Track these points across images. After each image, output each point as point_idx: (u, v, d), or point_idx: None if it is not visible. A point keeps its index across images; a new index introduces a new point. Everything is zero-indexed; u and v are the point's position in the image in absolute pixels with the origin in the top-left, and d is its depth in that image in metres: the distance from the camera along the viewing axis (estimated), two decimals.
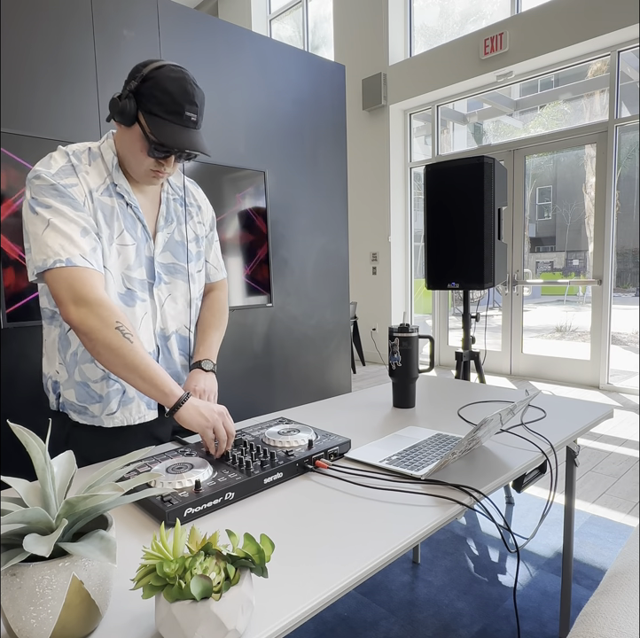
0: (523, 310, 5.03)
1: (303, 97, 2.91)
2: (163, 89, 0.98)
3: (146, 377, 0.97)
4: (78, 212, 1.02)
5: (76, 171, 1.05)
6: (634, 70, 4.32)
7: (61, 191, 1.01)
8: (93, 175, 1.08)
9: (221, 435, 0.97)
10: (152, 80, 0.99)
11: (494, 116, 5.53)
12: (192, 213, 1.26)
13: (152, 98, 0.99)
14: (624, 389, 4.37)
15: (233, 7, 7.54)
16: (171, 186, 1.23)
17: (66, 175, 1.03)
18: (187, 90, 1.00)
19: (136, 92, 1.00)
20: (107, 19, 2.10)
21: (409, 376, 1.39)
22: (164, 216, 1.18)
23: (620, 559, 0.87)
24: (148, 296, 1.16)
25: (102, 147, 1.11)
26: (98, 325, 0.97)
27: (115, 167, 1.10)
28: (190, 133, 1.02)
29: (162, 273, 1.18)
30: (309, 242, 3.02)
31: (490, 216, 2.26)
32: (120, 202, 1.11)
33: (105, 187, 1.09)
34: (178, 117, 1.00)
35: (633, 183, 4.55)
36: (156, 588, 0.51)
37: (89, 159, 1.09)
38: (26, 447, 0.57)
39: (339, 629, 1.60)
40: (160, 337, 1.19)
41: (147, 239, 1.15)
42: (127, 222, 1.11)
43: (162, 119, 1.00)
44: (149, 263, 1.15)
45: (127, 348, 0.97)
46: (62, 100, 1.99)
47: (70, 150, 1.07)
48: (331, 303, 3.18)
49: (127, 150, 1.07)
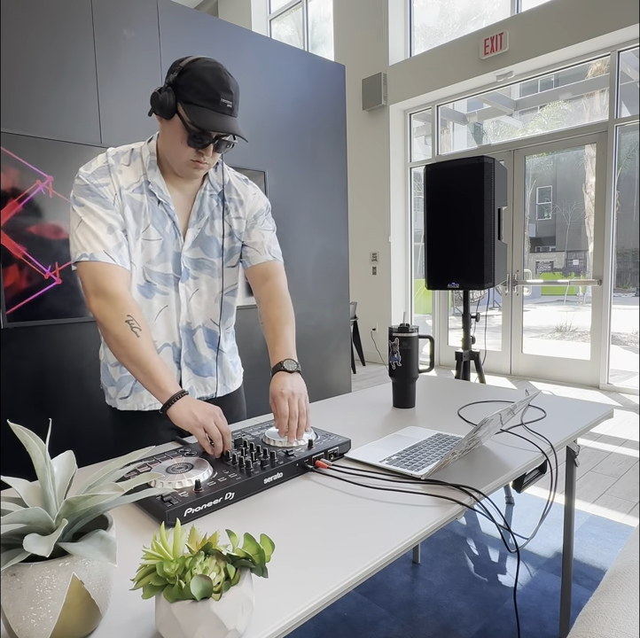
0: (523, 310, 5.03)
1: (303, 97, 2.91)
2: (199, 79, 1.02)
3: (146, 370, 1.02)
4: (107, 210, 1.10)
5: (110, 171, 1.12)
6: (634, 70, 4.32)
7: (93, 191, 1.09)
8: (128, 175, 1.14)
9: (213, 434, 0.97)
10: (189, 71, 1.03)
11: (494, 116, 5.53)
12: (230, 209, 1.26)
13: (190, 88, 1.03)
14: (624, 389, 4.37)
15: (233, 7, 7.54)
16: (211, 183, 1.24)
17: (100, 175, 1.11)
18: (222, 78, 1.04)
19: (175, 85, 1.05)
20: (107, 19, 2.10)
21: (409, 376, 1.39)
22: (196, 212, 1.22)
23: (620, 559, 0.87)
24: (173, 290, 1.21)
25: (143, 148, 1.17)
26: (111, 316, 1.04)
27: (150, 166, 1.15)
28: (226, 119, 1.06)
29: (190, 268, 1.22)
30: (309, 242, 3.02)
31: (490, 216, 2.26)
32: (151, 199, 1.16)
33: (138, 185, 1.15)
34: (214, 104, 1.03)
35: (633, 183, 4.55)
36: (156, 588, 0.51)
37: (129, 160, 1.16)
38: (26, 447, 0.57)
39: (339, 629, 1.60)
40: (186, 330, 1.24)
41: (177, 235, 1.19)
42: (155, 218, 1.16)
43: (199, 106, 1.03)
44: (176, 258, 1.20)
45: (132, 341, 1.02)
46: (62, 100, 1.99)
47: (112, 152, 1.15)
48: (331, 303, 3.18)
49: (169, 143, 1.11)
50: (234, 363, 1.40)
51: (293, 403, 1.04)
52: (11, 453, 1.89)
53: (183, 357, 1.25)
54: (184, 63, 1.04)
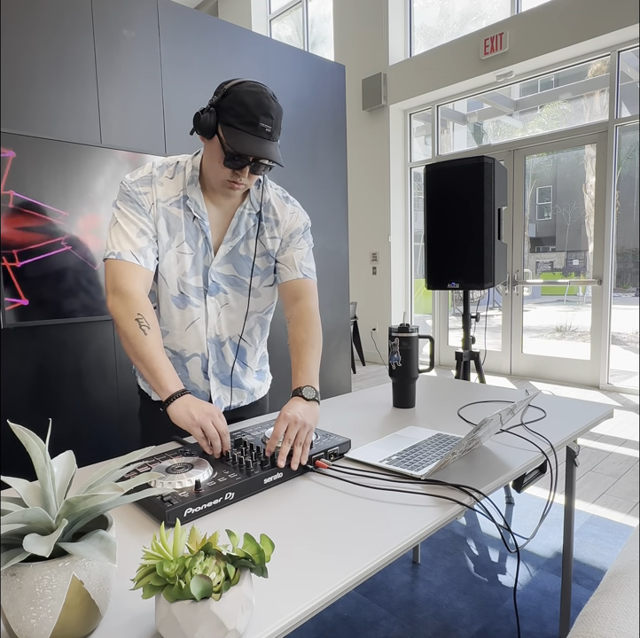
0: (523, 310, 5.03)
1: (303, 97, 2.91)
2: (240, 102, 1.04)
3: (149, 367, 1.05)
4: (141, 216, 1.15)
5: (152, 182, 1.17)
6: (634, 70, 4.32)
7: (132, 198, 1.15)
8: (168, 187, 1.18)
9: (210, 433, 0.98)
10: (232, 94, 1.05)
11: (494, 116, 5.53)
12: (265, 229, 1.26)
13: (230, 110, 1.05)
14: (624, 389, 4.37)
15: (233, 7, 7.54)
16: (251, 202, 1.23)
17: (142, 184, 1.16)
18: (262, 102, 1.05)
19: (217, 106, 1.07)
20: (107, 19, 2.10)
21: (409, 376, 1.39)
22: (232, 230, 1.23)
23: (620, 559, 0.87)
24: (203, 302, 1.23)
25: (188, 162, 1.20)
26: (123, 314, 1.08)
27: (190, 181, 1.18)
28: (263, 143, 1.07)
29: (221, 283, 1.24)
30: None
31: (490, 216, 2.26)
32: (187, 214, 1.19)
33: (177, 199, 1.18)
34: (252, 127, 1.05)
35: (633, 183, 4.55)
36: (156, 588, 0.51)
37: (173, 173, 1.19)
38: (26, 447, 0.57)
39: (339, 629, 1.60)
40: (215, 342, 1.26)
41: (208, 251, 1.21)
42: (188, 233, 1.19)
43: (237, 129, 1.06)
44: (205, 272, 1.22)
45: (139, 338, 1.06)
46: (62, 100, 1.99)
47: (159, 162, 1.20)
48: (331, 303, 3.18)
49: (208, 161, 1.14)
50: (263, 372, 1.42)
51: (292, 429, 0.98)
52: (11, 453, 1.89)
53: (212, 368, 1.28)
54: (229, 85, 1.07)
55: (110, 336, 2.15)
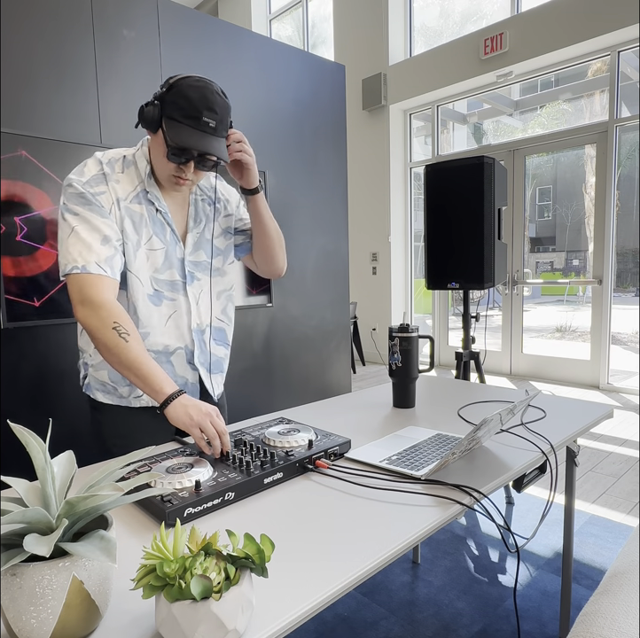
0: (523, 310, 5.03)
1: (303, 97, 2.91)
2: (184, 96, 1.04)
3: (139, 374, 1.03)
4: (104, 219, 1.09)
5: (107, 180, 1.12)
6: (634, 70, 4.32)
7: (89, 199, 1.08)
8: (124, 183, 1.14)
9: (209, 433, 0.97)
10: (176, 88, 1.05)
11: (494, 116, 5.53)
12: (220, 209, 1.31)
13: (173, 104, 1.04)
14: (624, 389, 4.37)
15: (233, 7, 7.54)
16: (200, 187, 1.28)
17: (96, 184, 1.10)
18: (207, 97, 1.04)
19: (162, 100, 1.06)
20: (107, 19, 2.10)
21: (409, 376, 1.39)
22: (193, 217, 1.25)
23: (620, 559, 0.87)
24: (181, 295, 1.23)
25: (136, 155, 1.18)
26: (98, 325, 1.04)
27: (148, 175, 1.16)
28: (206, 138, 1.06)
29: (195, 271, 1.25)
30: (309, 242, 3.02)
31: (490, 216, 2.26)
32: (149, 208, 1.17)
33: (135, 194, 1.15)
34: (195, 121, 1.04)
35: (633, 183, 4.55)
36: (156, 588, 0.51)
37: (122, 167, 1.15)
38: (26, 447, 0.57)
39: (339, 629, 1.60)
40: (197, 331, 1.27)
41: (176, 242, 1.22)
42: (156, 228, 1.18)
43: (180, 123, 1.05)
44: (180, 264, 1.22)
45: (121, 347, 1.03)
46: (62, 100, 1.99)
47: (105, 158, 1.14)
48: (331, 303, 3.18)
49: (154, 155, 1.14)
50: None
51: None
52: (11, 453, 1.89)
53: (197, 358, 1.28)
54: (174, 79, 1.06)
55: None
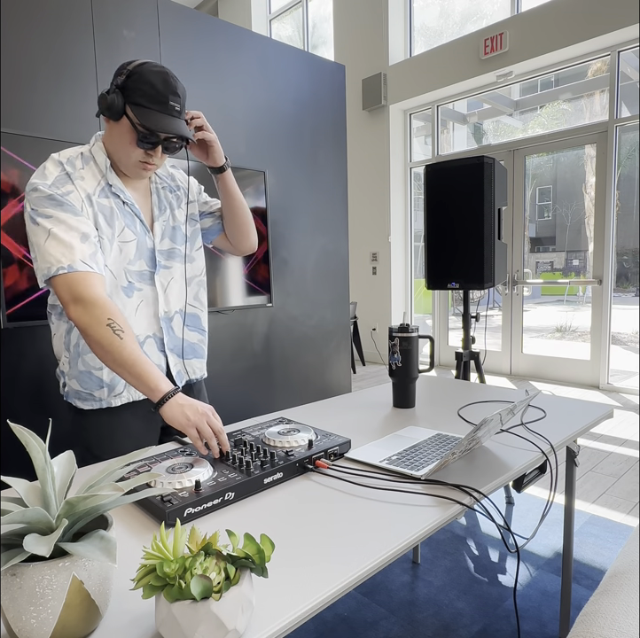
0: (523, 310, 5.03)
1: (303, 97, 2.91)
2: (147, 82, 1.06)
3: (133, 372, 1.02)
4: (78, 217, 1.09)
5: (71, 178, 1.11)
6: (634, 70, 4.32)
7: (59, 200, 1.07)
8: (88, 179, 1.14)
9: (206, 434, 0.97)
10: (137, 74, 1.06)
11: (494, 116, 5.53)
12: (181, 196, 1.32)
13: (138, 91, 1.06)
14: (624, 389, 4.37)
15: (233, 7, 7.54)
16: (158, 176, 1.29)
17: (61, 184, 1.09)
18: (169, 82, 1.08)
19: (123, 87, 1.07)
20: (107, 19, 2.10)
21: (409, 376, 1.39)
22: (157, 206, 1.26)
23: (620, 559, 0.87)
24: (147, 284, 1.23)
25: (93, 150, 1.17)
26: (91, 322, 1.03)
27: (109, 169, 1.16)
28: (175, 121, 1.09)
29: (162, 260, 1.25)
30: (309, 242, 3.01)
31: (490, 216, 2.26)
32: (116, 201, 1.18)
33: (100, 189, 1.15)
34: (163, 106, 1.07)
35: (633, 183, 4.55)
36: (156, 588, 0.51)
37: (82, 164, 1.15)
38: (26, 447, 0.57)
39: (339, 629, 1.60)
40: (165, 319, 1.27)
41: (146, 232, 1.23)
42: (126, 220, 1.19)
43: (148, 108, 1.07)
44: (150, 254, 1.23)
45: (116, 344, 1.02)
46: (62, 100, 1.99)
47: (64, 158, 1.13)
48: (331, 303, 3.18)
49: (116, 144, 1.13)
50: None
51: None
52: (11, 453, 1.89)
53: (166, 344, 1.28)
54: (132, 66, 1.07)
55: None
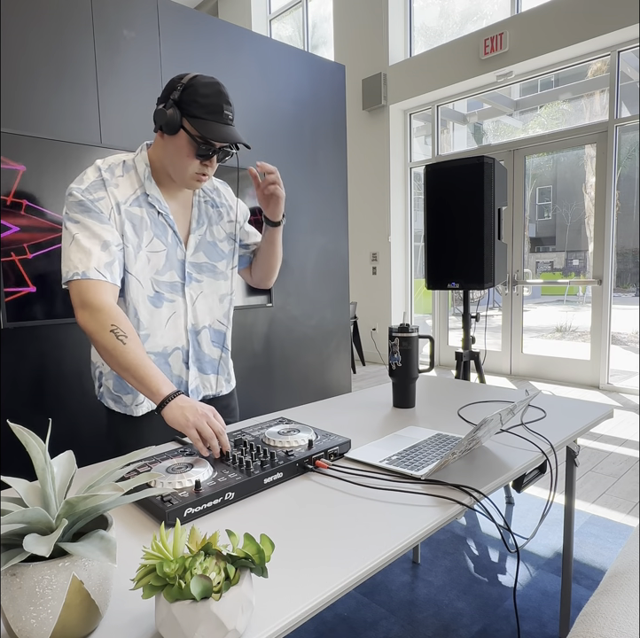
0: (523, 310, 5.03)
1: (303, 97, 2.91)
2: (202, 94, 1.08)
3: (136, 376, 1.04)
4: (103, 225, 1.11)
5: (105, 185, 1.14)
6: (634, 70, 4.32)
7: (88, 207, 1.10)
8: (124, 187, 1.16)
9: (206, 434, 0.97)
10: (192, 87, 1.08)
11: (494, 116, 5.53)
12: (223, 214, 1.34)
13: (194, 103, 1.08)
14: (624, 389, 4.37)
15: (233, 7, 7.54)
16: (203, 189, 1.31)
17: (94, 190, 1.12)
18: (222, 92, 1.10)
19: (179, 101, 1.09)
20: (107, 19, 2.10)
21: (409, 376, 1.39)
22: (196, 219, 1.27)
23: (620, 559, 0.87)
24: (180, 296, 1.25)
25: (136, 159, 1.20)
26: (96, 328, 1.06)
27: (147, 178, 1.18)
28: (230, 129, 1.12)
29: (193, 272, 1.27)
30: (309, 242, 3.02)
31: (490, 216, 2.26)
32: (150, 211, 1.19)
33: (135, 197, 1.17)
34: (219, 116, 1.10)
35: (633, 183, 4.55)
36: (156, 588, 0.51)
37: (122, 171, 1.18)
38: (26, 447, 0.57)
39: (339, 629, 1.60)
40: (191, 332, 1.28)
41: (178, 244, 1.24)
42: (157, 230, 1.20)
43: (205, 119, 1.09)
44: (180, 265, 1.24)
45: (119, 350, 1.04)
46: (62, 100, 1.99)
47: (105, 164, 1.16)
48: (331, 303, 3.18)
49: (172, 157, 1.15)
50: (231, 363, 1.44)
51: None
52: (11, 453, 1.89)
53: (190, 357, 1.29)
54: (186, 79, 1.09)
55: None
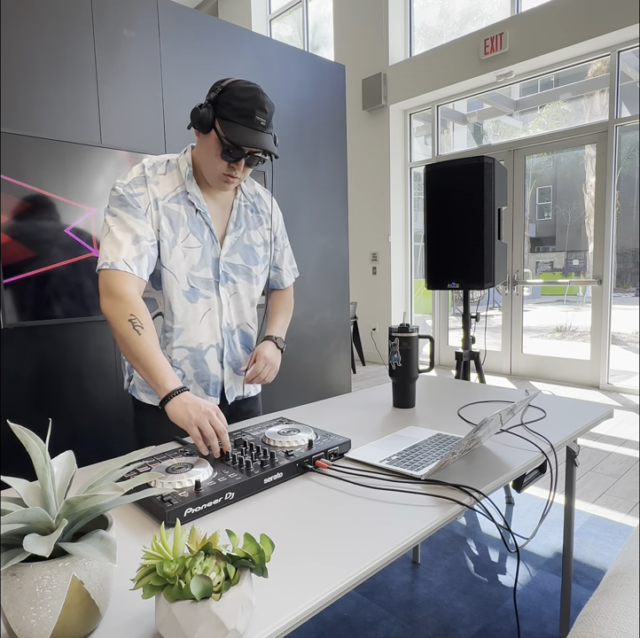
0: (523, 310, 5.03)
1: (303, 97, 2.91)
2: (237, 98, 1.10)
3: (146, 367, 1.06)
4: (138, 219, 1.15)
5: (146, 182, 1.18)
6: (634, 70, 4.32)
7: (126, 201, 1.15)
8: (164, 185, 1.20)
9: (207, 433, 0.97)
10: (229, 90, 1.11)
11: (494, 116, 5.53)
12: (262, 220, 1.36)
13: (227, 105, 1.11)
14: (624, 389, 4.37)
15: (233, 7, 7.54)
16: (244, 194, 1.33)
17: (135, 186, 1.17)
18: (257, 97, 1.12)
19: (215, 102, 1.12)
20: (107, 19, 2.10)
21: (409, 376, 1.39)
22: (234, 221, 1.29)
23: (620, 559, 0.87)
24: (214, 294, 1.27)
25: (179, 159, 1.24)
26: (116, 315, 1.09)
27: (188, 177, 1.22)
28: (259, 135, 1.13)
29: (230, 273, 1.29)
30: (309, 242, 3.02)
31: (490, 216, 2.26)
32: (189, 208, 1.22)
33: (174, 195, 1.21)
34: (249, 120, 1.11)
35: (633, 183, 4.55)
36: (156, 588, 0.51)
37: (165, 169, 1.22)
38: (26, 447, 0.57)
39: (339, 629, 1.60)
40: (227, 331, 1.31)
41: (214, 242, 1.26)
42: (194, 227, 1.23)
43: (235, 122, 1.11)
44: (215, 264, 1.27)
45: (133, 339, 1.07)
46: (62, 100, 1.99)
47: (150, 162, 1.21)
48: (331, 303, 3.18)
49: (204, 156, 1.18)
50: None
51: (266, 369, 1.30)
52: (11, 453, 1.89)
53: (225, 357, 1.32)
54: (226, 83, 1.12)
55: (110, 336, 2.15)
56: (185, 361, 1.27)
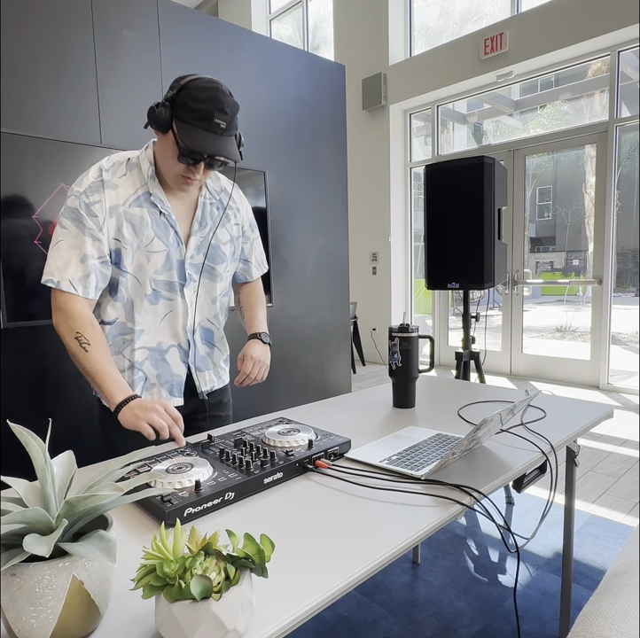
0: (523, 310, 5.03)
1: (303, 97, 2.91)
2: (195, 98, 1.03)
3: (96, 382, 1.10)
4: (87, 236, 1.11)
5: (104, 187, 1.12)
6: (634, 70, 4.32)
7: (79, 215, 1.10)
8: (124, 188, 1.15)
9: (156, 424, 1.02)
10: (186, 89, 1.05)
11: (494, 116, 5.53)
12: (230, 216, 1.32)
13: (185, 106, 1.04)
14: (624, 389, 4.37)
15: (233, 7, 7.54)
16: (209, 191, 1.28)
17: (91, 193, 1.11)
18: (217, 98, 1.04)
19: (172, 101, 1.06)
20: (107, 19, 2.10)
21: (409, 376, 1.39)
22: (198, 220, 1.25)
23: (620, 559, 0.87)
24: (178, 296, 1.25)
25: (140, 157, 1.18)
26: (63, 332, 1.13)
27: (151, 177, 1.16)
28: (217, 139, 1.06)
29: (193, 273, 1.26)
30: (309, 242, 3.01)
31: (490, 216, 2.26)
32: (152, 211, 1.18)
33: (135, 197, 1.16)
34: (207, 123, 1.04)
35: (633, 183, 4.55)
36: (156, 588, 0.51)
37: (125, 170, 1.16)
38: (26, 447, 0.57)
39: (339, 629, 1.60)
40: (190, 331, 1.29)
41: (179, 244, 1.23)
42: (159, 230, 1.19)
43: (191, 125, 1.05)
44: (180, 266, 1.24)
45: (81, 356, 1.11)
46: (62, 100, 1.99)
47: (109, 163, 1.15)
48: (331, 303, 3.18)
49: (162, 156, 1.14)
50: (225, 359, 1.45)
51: (255, 367, 1.30)
52: (11, 453, 1.89)
53: (189, 356, 1.31)
54: (185, 81, 1.06)
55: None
56: (146, 361, 1.25)
